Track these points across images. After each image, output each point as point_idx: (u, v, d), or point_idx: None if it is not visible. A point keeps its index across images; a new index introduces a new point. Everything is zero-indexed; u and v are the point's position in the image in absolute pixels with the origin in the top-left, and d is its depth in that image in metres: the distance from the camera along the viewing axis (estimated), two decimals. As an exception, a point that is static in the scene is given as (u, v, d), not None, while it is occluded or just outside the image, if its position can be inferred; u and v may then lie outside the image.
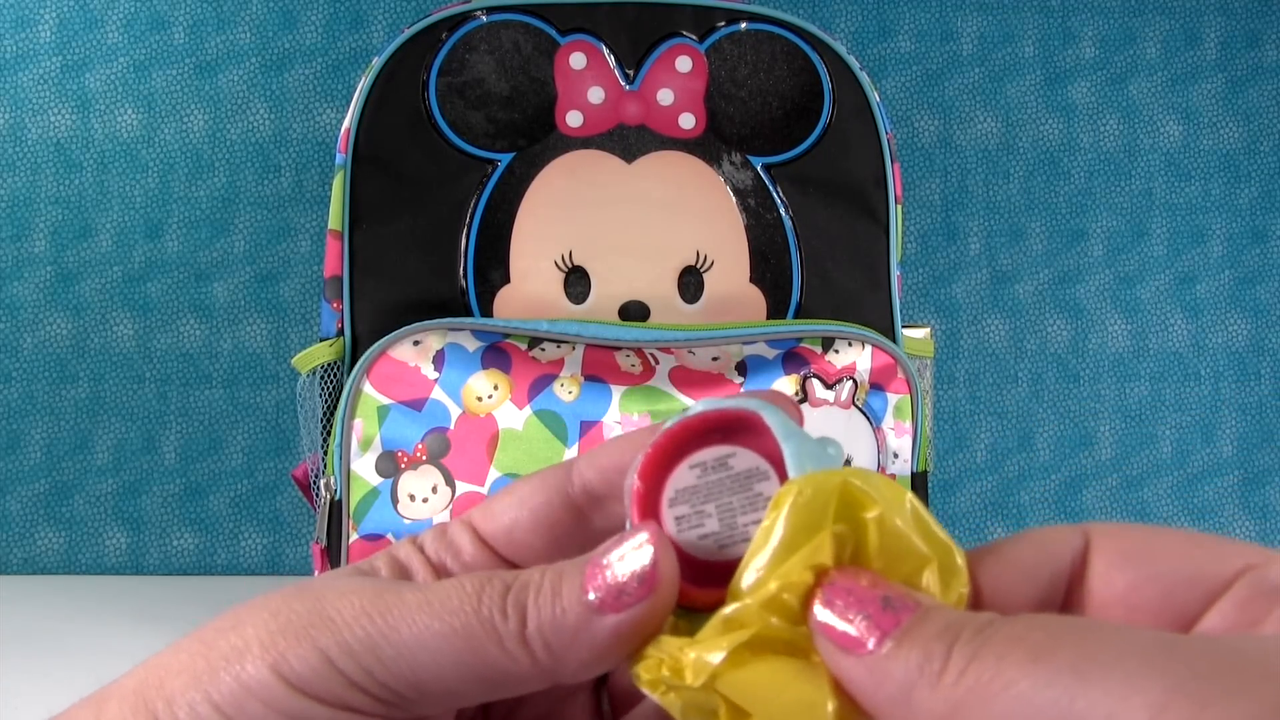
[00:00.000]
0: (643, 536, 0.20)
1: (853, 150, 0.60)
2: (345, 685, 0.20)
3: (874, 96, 0.61)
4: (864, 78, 0.61)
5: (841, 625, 0.18)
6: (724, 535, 0.21)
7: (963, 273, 0.86)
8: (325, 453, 0.56)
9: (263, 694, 0.20)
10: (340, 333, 0.58)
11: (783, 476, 0.20)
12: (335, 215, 0.58)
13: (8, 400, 0.79)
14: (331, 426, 0.56)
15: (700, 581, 0.21)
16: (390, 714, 0.21)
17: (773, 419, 0.21)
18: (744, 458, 0.21)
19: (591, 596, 0.20)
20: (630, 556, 0.20)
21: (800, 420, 0.22)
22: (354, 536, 0.54)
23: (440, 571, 0.23)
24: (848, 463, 0.56)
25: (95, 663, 0.57)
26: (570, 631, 0.20)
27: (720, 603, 0.19)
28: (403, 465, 0.54)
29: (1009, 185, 0.87)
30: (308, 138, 0.81)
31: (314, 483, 0.58)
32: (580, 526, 0.23)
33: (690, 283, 0.59)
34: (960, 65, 0.87)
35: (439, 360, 0.54)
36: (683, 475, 0.21)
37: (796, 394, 0.56)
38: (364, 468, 0.54)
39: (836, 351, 0.57)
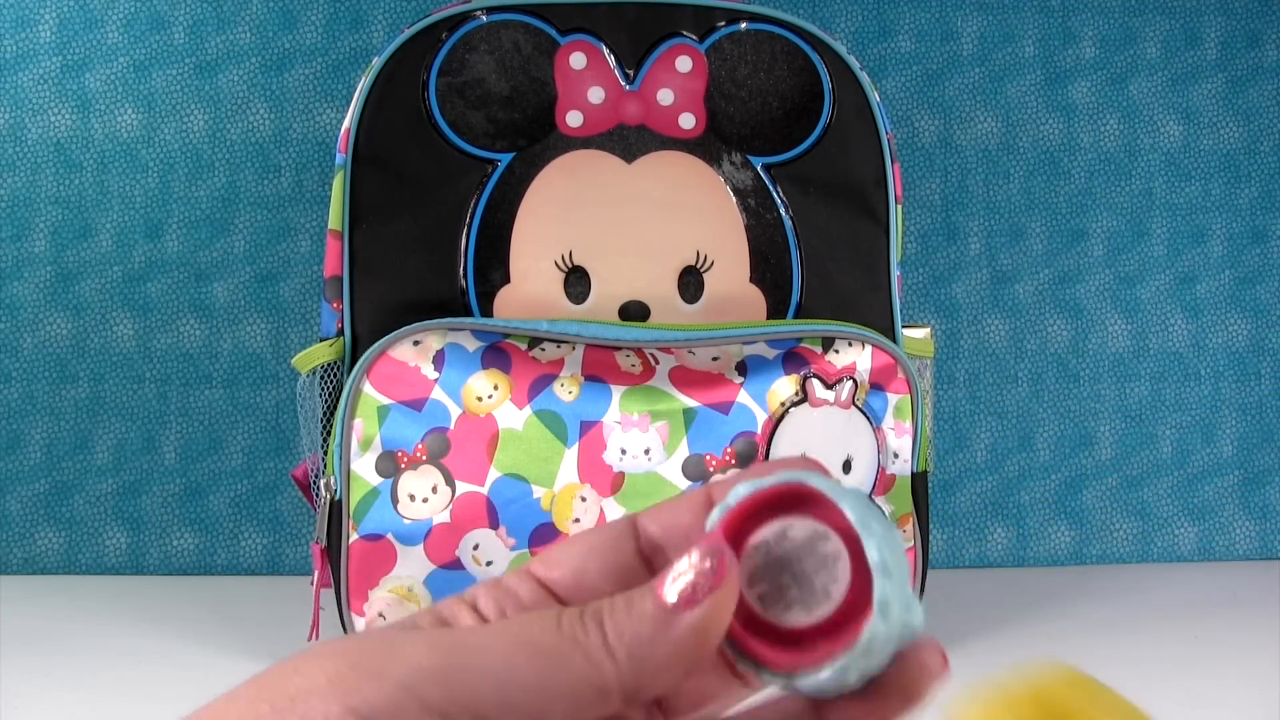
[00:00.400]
0: (702, 545, 0.21)
1: (853, 150, 0.60)
2: (424, 712, 0.20)
3: (874, 96, 0.61)
4: (864, 78, 0.61)
5: None
6: (804, 596, 0.22)
7: (963, 273, 0.86)
8: (325, 453, 0.56)
9: None
10: (340, 333, 0.58)
11: (843, 533, 0.22)
12: (335, 215, 0.58)
13: (8, 400, 0.79)
14: (331, 426, 0.56)
15: (781, 643, 0.22)
16: None
17: (820, 484, 0.22)
18: (801, 526, 0.22)
19: (666, 599, 0.21)
20: (696, 560, 0.21)
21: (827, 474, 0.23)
22: (354, 536, 0.54)
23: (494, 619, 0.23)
24: (847, 465, 0.56)
25: (95, 663, 0.57)
26: (649, 636, 0.21)
27: (798, 665, 0.21)
28: (403, 465, 0.54)
29: (1009, 185, 0.87)
30: (308, 138, 0.81)
31: (314, 483, 0.58)
32: (648, 576, 0.24)
33: (690, 283, 0.59)
34: (960, 65, 0.87)
35: (439, 360, 0.54)
36: (749, 557, 0.22)
37: (796, 394, 0.56)
38: (364, 468, 0.54)
39: (836, 351, 0.57)
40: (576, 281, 0.58)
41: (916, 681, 0.23)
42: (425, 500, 0.54)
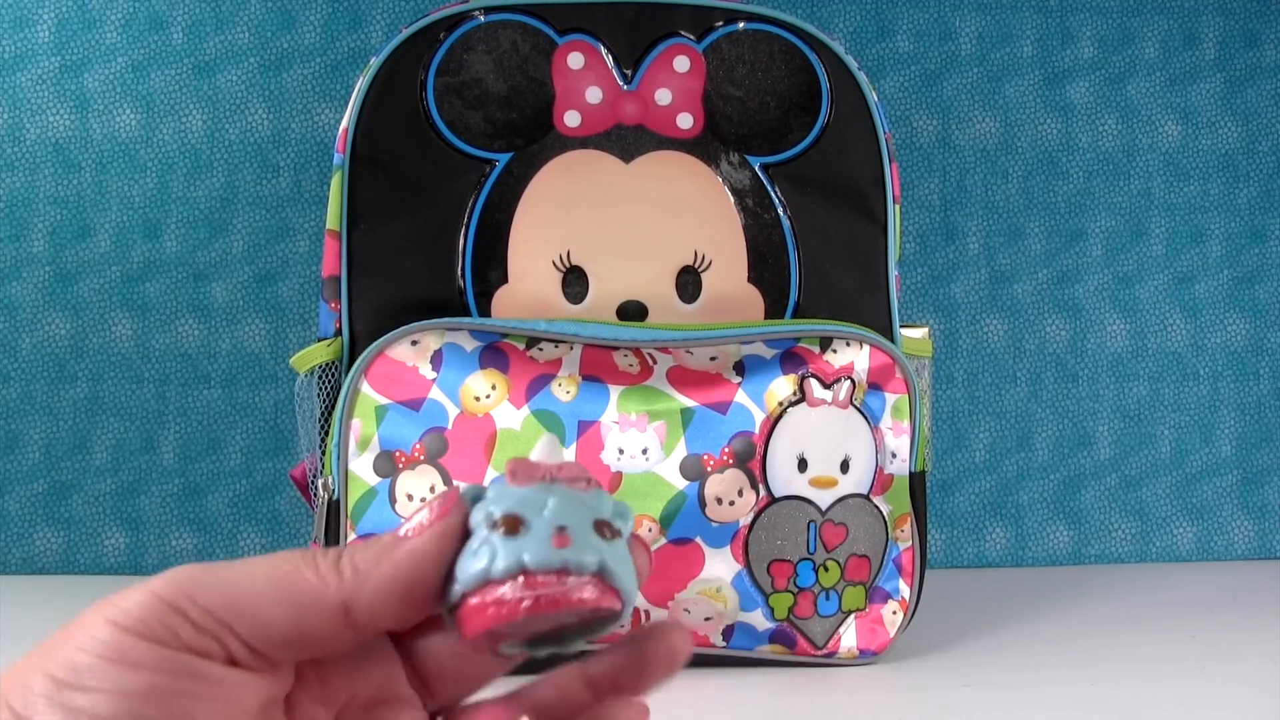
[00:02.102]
0: (441, 492, 0.24)
1: (851, 150, 0.60)
2: (179, 621, 0.22)
3: (872, 96, 0.61)
4: (862, 78, 0.61)
5: None
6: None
7: (961, 272, 0.86)
8: (323, 452, 0.56)
9: (95, 647, 0.22)
10: (338, 333, 0.58)
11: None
12: (333, 215, 0.58)
13: (6, 400, 0.79)
14: (330, 426, 0.56)
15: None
16: (213, 651, 0.23)
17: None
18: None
19: (400, 531, 0.24)
20: (435, 499, 0.25)
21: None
22: (352, 536, 0.54)
23: None
24: (845, 465, 0.56)
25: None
26: (374, 558, 0.24)
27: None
28: (400, 465, 0.54)
29: (1007, 185, 0.87)
30: (306, 138, 0.81)
31: (312, 483, 0.58)
32: None
33: (688, 282, 0.59)
34: (958, 65, 0.87)
35: (437, 360, 0.54)
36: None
37: (794, 394, 0.56)
38: (362, 467, 0.54)
39: (834, 351, 0.57)
40: (574, 281, 0.58)
41: (656, 657, 0.26)
42: (423, 500, 0.54)
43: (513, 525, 0.23)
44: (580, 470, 0.25)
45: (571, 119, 0.59)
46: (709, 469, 0.54)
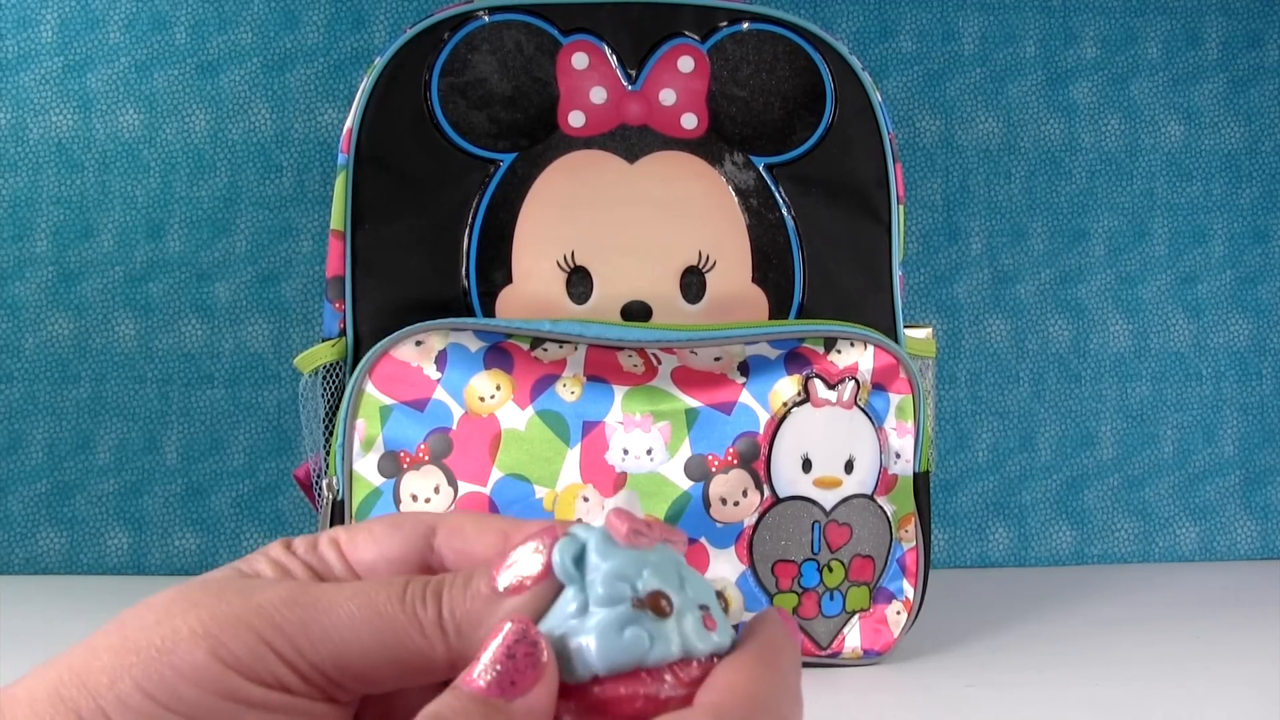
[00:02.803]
0: (536, 545, 0.23)
1: (855, 150, 0.60)
2: (278, 663, 0.22)
3: (876, 97, 0.61)
4: (866, 78, 0.61)
5: None
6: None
7: (964, 273, 0.86)
8: (327, 453, 0.56)
9: (198, 677, 0.21)
10: (342, 333, 0.58)
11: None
12: (337, 215, 0.58)
13: (10, 400, 0.79)
14: (334, 427, 0.56)
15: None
16: (314, 694, 0.22)
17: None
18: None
19: (500, 585, 0.23)
20: (528, 557, 0.23)
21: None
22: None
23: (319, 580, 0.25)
24: (849, 465, 0.56)
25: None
26: (477, 615, 0.23)
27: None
28: (405, 465, 0.54)
29: (1010, 185, 0.87)
30: (309, 138, 0.81)
31: (316, 483, 0.58)
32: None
33: (692, 283, 0.59)
34: (962, 65, 0.87)
35: (441, 360, 0.54)
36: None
37: (799, 394, 0.56)
38: (366, 468, 0.54)
39: (839, 352, 0.57)
40: (579, 282, 0.58)
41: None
42: (428, 500, 0.54)
43: (660, 607, 0.21)
44: (681, 533, 0.23)
45: (576, 119, 0.59)
46: (713, 469, 0.54)
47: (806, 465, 0.55)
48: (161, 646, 0.22)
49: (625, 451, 0.54)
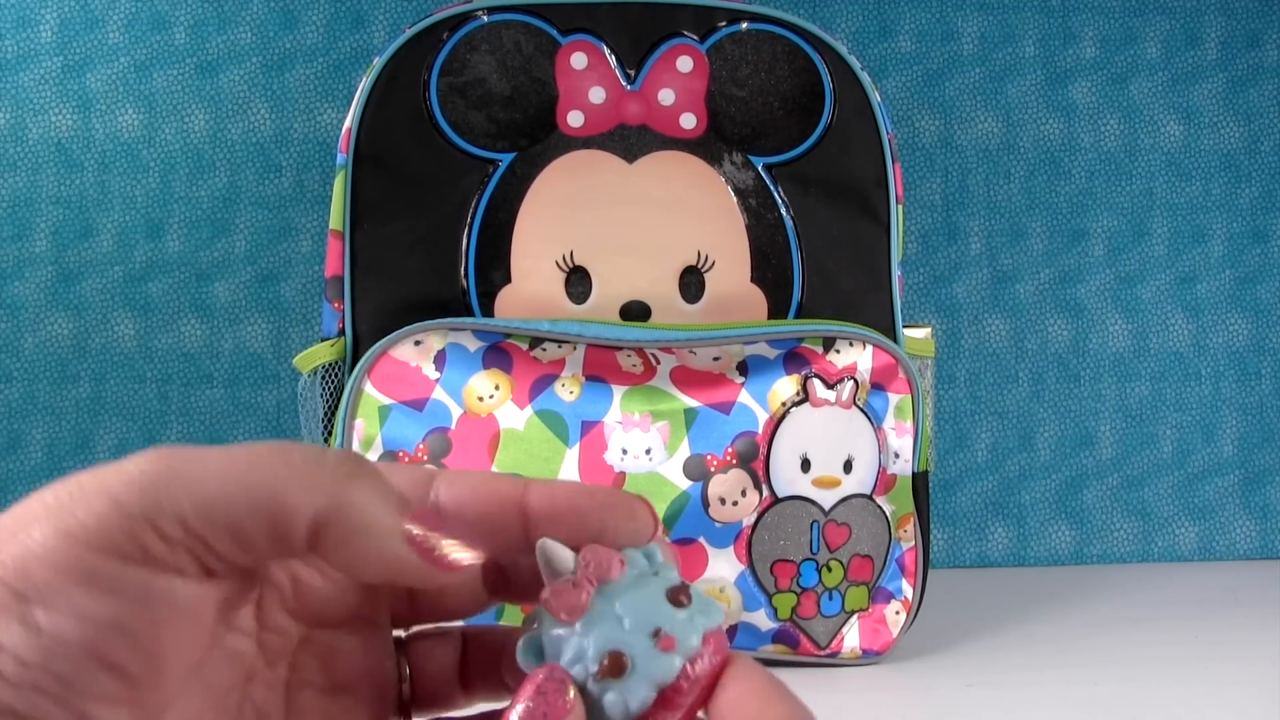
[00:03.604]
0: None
1: (854, 150, 0.60)
2: (139, 525, 0.19)
3: (875, 96, 0.61)
4: (865, 78, 0.61)
5: None
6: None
7: (963, 272, 0.86)
8: (326, 453, 0.56)
9: (46, 556, 0.19)
10: (341, 333, 0.58)
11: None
12: (336, 215, 0.58)
13: (9, 400, 0.79)
14: (333, 427, 0.56)
15: None
16: (182, 565, 0.20)
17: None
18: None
19: (412, 531, 0.22)
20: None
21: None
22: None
23: None
24: (848, 465, 0.56)
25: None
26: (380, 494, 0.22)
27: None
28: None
29: (1010, 185, 0.87)
30: (309, 137, 0.81)
31: (315, 483, 0.58)
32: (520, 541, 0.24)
33: (691, 282, 0.59)
34: (961, 65, 0.87)
35: (440, 360, 0.54)
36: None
37: (798, 394, 0.56)
38: (365, 468, 0.54)
39: (838, 351, 0.57)
40: (578, 281, 0.58)
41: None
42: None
43: (618, 666, 0.22)
44: (612, 556, 0.23)
45: (575, 119, 0.59)
46: (712, 469, 0.54)
47: (805, 465, 0.55)
48: (12, 527, 0.20)
49: (624, 451, 0.54)
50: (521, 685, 0.22)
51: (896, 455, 0.58)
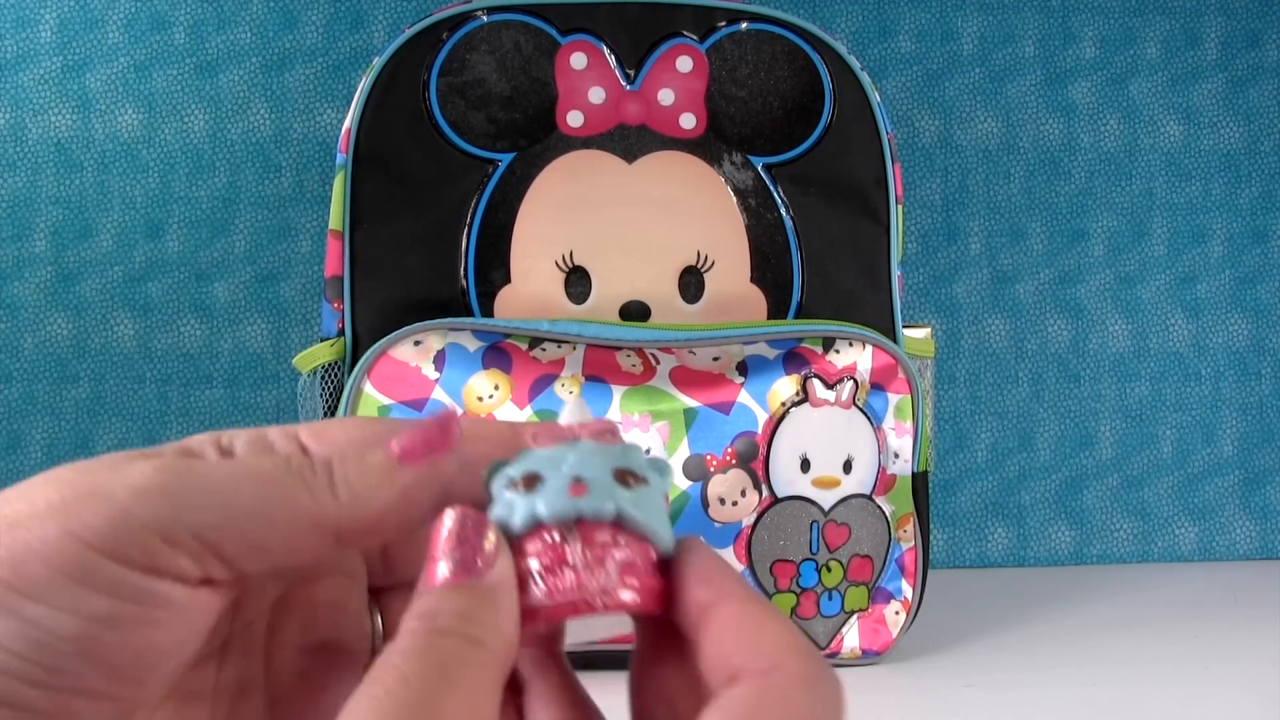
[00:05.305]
0: (446, 410, 0.22)
1: (853, 150, 0.60)
2: (144, 534, 0.20)
3: (875, 96, 0.61)
4: (865, 78, 0.61)
5: None
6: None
7: (963, 273, 0.86)
8: (326, 453, 0.56)
9: (49, 554, 0.19)
10: (341, 333, 0.58)
11: None
12: (336, 215, 0.58)
13: (9, 400, 0.79)
14: (332, 426, 0.56)
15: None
16: (186, 574, 0.20)
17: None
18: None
19: (395, 448, 0.22)
20: (435, 421, 0.22)
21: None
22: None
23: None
24: (848, 465, 0.56)
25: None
26: (375, 478, 0.22)
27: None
28: (403, 465, 0.54)
29: (1009, 185, 0.87)
30: (308, 138, 0.81)
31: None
32: None
33: (691, 283, 0.59)
34: (961, 65, 0.87)
35: (440, 360, 0.54)
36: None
37: (797, 394, 0.56)
38: (365, 468, 0.54)
39: (837, 351, 0.57)
40: (577, 281, 0.58)
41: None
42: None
43: (530, 482, 0.22)
44: (607, 424, 0.24)
45: (574, 119, 0.59)
46: (712, 469, 0.54)
47: (805, 465, 0.55)
48: (14, 520, 0.19)
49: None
50: (432, 535, 0.22)
51: (896, 455, 0.58)
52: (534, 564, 0.22)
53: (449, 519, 0.21)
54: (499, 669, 0.20)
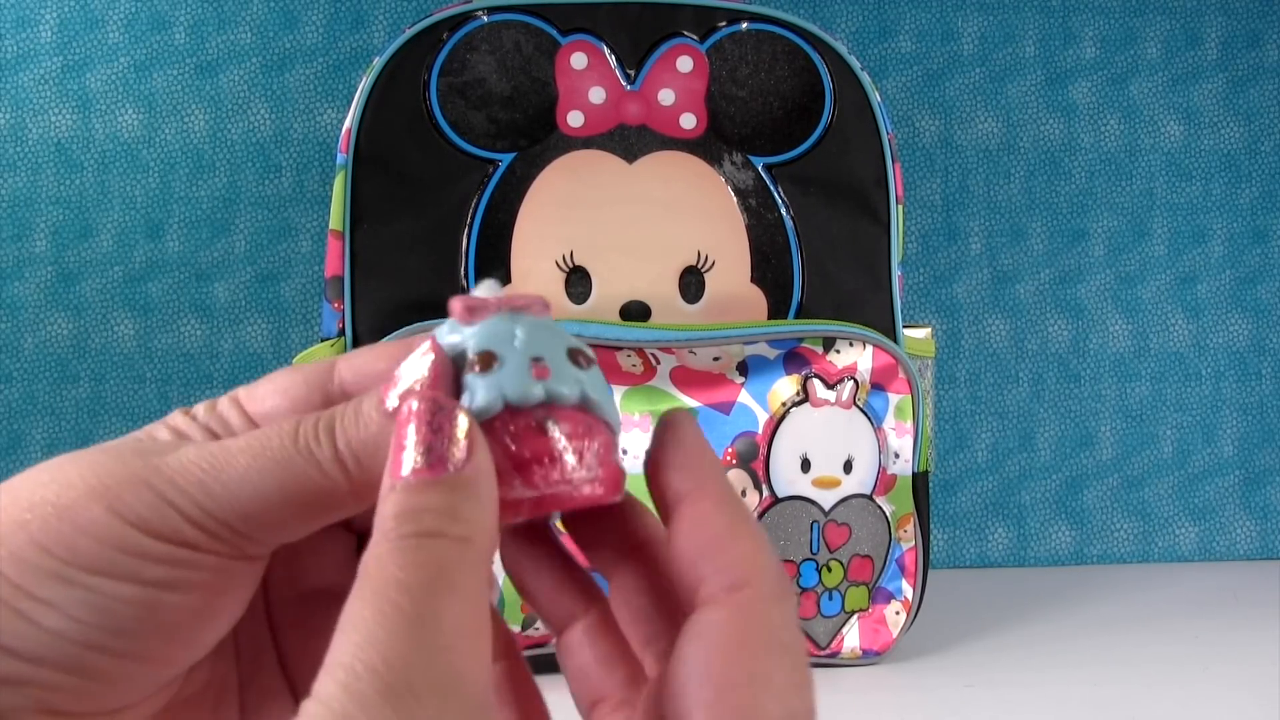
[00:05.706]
0: (425, 346, 0.22)
1: (854, 150, 0.60)
2: (181, 521, 0.21)
3: (875, 96, 0.61)
4: (865, 78, 0.61)
5: None
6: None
7: (963, 272, 0.86)
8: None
9: (96, 531, 0.20)
10: (341, 333, 0.58)
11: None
12: (336, 215, 0.58)
13: (9, 400, 0.79)
14: (332, 426, 0.56)
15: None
16: (221, 549, 0.21)
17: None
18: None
19: (389, 404, 0.21)
20: (415, 363, 0.22)
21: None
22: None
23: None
24: (848, 465, 0.56)
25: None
26: (374, 441, 0.21)
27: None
28: (404, 465, 0.54)
29: (1010, 185, 0.87)
30: (308, 138, 0.81)
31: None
32: None
33: (691, 283, 0.59)
34: (961, 65, 0.87)
35: (440, 360, 0.54)
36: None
37: (797, 394, 0.56)
38: (365, 468, 0.54)
39: (838, 351, 0.57)
40: (577, 282, 0.58)
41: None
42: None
43: (486, 361, 0.21)
44: (536, 297, 0.23)
45: (574, 119, 0.59)
46: (712, 469, 0.54)
47: (805, 465, 0.55)
48: (57, 502, 0.20)
49: (624, 451, 0.54)
50: (400, 426, 0.21)
51: (896, 455, 0.58)
52: (513, 452, 0.21)
53: (416, 405, 0.21)
54: (488, 565, 0.20)
